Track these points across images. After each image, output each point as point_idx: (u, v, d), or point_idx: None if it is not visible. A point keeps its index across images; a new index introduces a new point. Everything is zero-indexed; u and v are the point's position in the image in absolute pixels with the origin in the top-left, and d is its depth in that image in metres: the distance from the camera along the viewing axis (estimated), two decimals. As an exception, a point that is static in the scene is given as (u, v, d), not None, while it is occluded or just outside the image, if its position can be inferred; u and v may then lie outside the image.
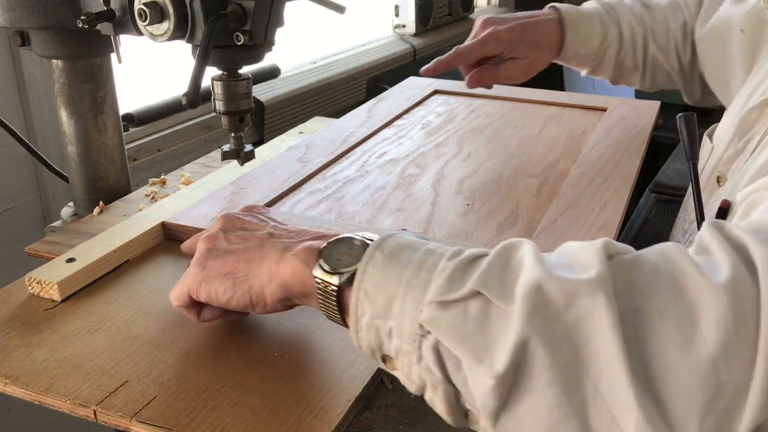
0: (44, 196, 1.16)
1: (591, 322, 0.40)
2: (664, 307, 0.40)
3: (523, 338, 0.40)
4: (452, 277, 0.44)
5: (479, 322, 0.42)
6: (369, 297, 0.46)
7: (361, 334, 0.47)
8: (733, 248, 0.41)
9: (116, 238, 0.73)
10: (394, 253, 0.47)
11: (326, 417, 0.51)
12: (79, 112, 0.83)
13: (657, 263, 0.42)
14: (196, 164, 1.00)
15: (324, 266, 0.49)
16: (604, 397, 0.39)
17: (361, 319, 0.47)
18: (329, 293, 0.49)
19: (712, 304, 0.39)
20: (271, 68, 1.52)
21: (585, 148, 1.01)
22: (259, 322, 0.62)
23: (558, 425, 0.41)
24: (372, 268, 0.47)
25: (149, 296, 0.66)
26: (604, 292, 0.40)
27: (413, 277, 0.45)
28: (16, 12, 0.76)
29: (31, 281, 0.65)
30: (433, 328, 0.43)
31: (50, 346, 0.59)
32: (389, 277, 0.46)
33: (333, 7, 0.83)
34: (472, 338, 0.42)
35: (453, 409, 0.45)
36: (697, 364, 0.38)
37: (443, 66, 0.97)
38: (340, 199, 0.86)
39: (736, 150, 0.66)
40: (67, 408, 0.53)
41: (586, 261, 0.42)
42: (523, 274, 0.42)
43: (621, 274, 0.42)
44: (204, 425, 0.50)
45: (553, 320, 0.40)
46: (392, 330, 0.45)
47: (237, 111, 0.78)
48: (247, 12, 0.70)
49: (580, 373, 0.40)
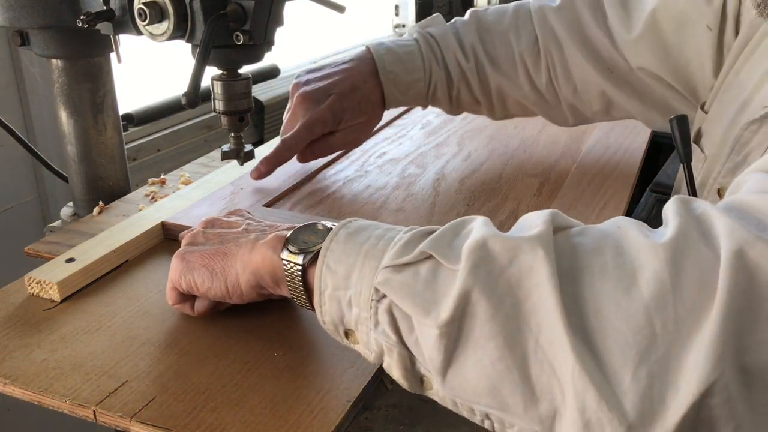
0: (44, 196, 1.16)
1: (531, 276, 0.42)
2: (604, 264, 0.42)
3: (466, 290, 0.43)
4: (406, 245, 0.47)
5: (428, 280, 0.45)
6: (331, 270, 0.49)
7: (324, 307, 0.50)
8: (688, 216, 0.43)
9: (116, 238, 0.72)
10: (356, 231, 0.51)
11: (326, 417, 0.51)
12: (79, 112, 0.83)
13: (605, 230, 0.45)
14: (195, 164, 1.00)
15: (290, 248, 0.53)
16: (543, 349, 0.41)
17: (324, 293, 0.50)
18: (295, 274, 0.52)
19: (650, 261, 0.41)
20: (271, 68, 1.52)
21: (585, 148, 1.01)
22: (259, 322, 0.62)
23: (501, 377, 0.42)
24: (335, 244, 0.50)
25: (149, 296, 0.66)
26: (543, 248, 0.42)
27: (371, 249, 0.48)
28: (16, 12, 0.76)
29: (30, 281, 0.65)
30: (387, 289, 0.46)
31: (50, 346, 0.59)
32: (350, 250, 0.49)
33: (333, 6, 0.83)
34: (422, 294, 0.45)
35: (408, 374, 0.48)
36: (632, 314, 0.40)
37: (276, 163, 0.88)
38: (340, 199, 0.86)
39: (736, 163, 0.67)
40: (67, 408, 0.53)
41: (531, 223, 0.45)
42: (471, 236, 0.45)
43: (568, 239, 0.44)
44: (204, 425, 0.50)
45: (496, 275, 0.43)
46: (351, 299, 0.48)
47: (237, 111, 0.78)
48: (246, 12, 0.69)
49: (521, 325, 0.42)
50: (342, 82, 0.90)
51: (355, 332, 0.50)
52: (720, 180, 0.69)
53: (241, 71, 0.77)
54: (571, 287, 0.41)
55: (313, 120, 0.88)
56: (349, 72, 0.91)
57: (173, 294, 0.61)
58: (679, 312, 0.39)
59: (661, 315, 0.39)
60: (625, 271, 0.41)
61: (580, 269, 0.42)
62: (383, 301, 0.46)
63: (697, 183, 0.75)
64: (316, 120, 0.88)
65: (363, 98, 0.91)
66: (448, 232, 0.47)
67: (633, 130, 1.07)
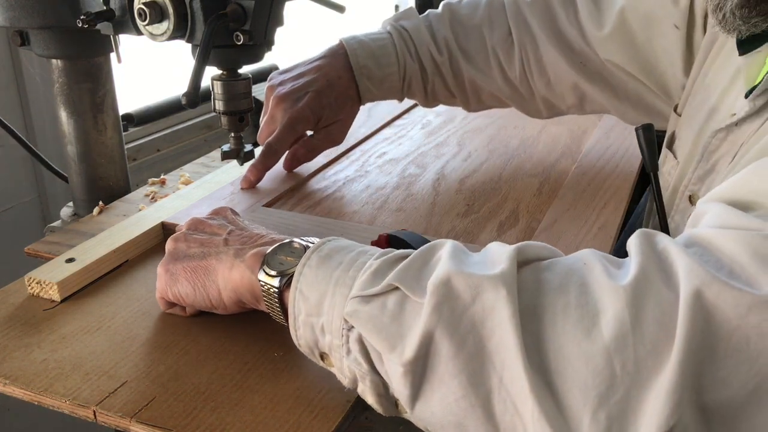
0: (44, 196, 1.16)
1: (494, 315, 0.42)
2: (567, 303, 0.42)
3: (429, 329, 0.43)
4: (375, 274, 0.47)
5: (395, 314, 0.45)
6: (303, 296, 0.49)
7: (299, 332, 0.50)
8: (650, 254, 0.43)
9: (116, 238, 0.72)
10: (329, 255, 0.50)
11: (326, 417, 0.51)
12: (79, 112, 0.83)
13: (570, 266, 0.44)
14: (195, 164, 1.00)
15: (267, 270, 0.53)
16: (507, 387, 0.41)
17: (298, 318, 0.50)
18: (272, 295, 0.52)
19: (612, 302, 0.40)
20: (271, 68, 1.51)
21: (585, 148, 1.01)
22: (259, 322, 0.62)
23: (465, 415, 0.42)
24: (307, 269, 0.50)
25: (149, 296, 0.66)
26: (506, 287, 0.42)
27: (342, 276, 0.48)
28: (16, 12, 0.76)
29: (30, 281, 0.65)
30: (354, 321, 0.46)
31: (50, 346, 0.59)
32: (321, 277, 0.49)
33: (333, 6, 0.83)
34: (388, 329, 0.44)
35: (382, 399, 0.48)
36: (592, 355, 0.39)
37: (263, 170, 0.88)
38: (340, 199, 0.86)
39: (705, 170, 0.67)
40: (67, 408, 0.53)
41: (496, 259, 0.45)
42: (436, 270, 0.44)
43: (532, 274, 0.44)
44: (204, 426, 0.50)
45: (459, 313, 0.43)
46: (324, 326, 0.48)
47: (237, 111, 0.78)
48: (246, 12, 0.69)
49: (485, 364, 0.42)
50: (317, 80, 0.90)
51: (330, 356, 0.50)
52: (690, 187, 0.69)
53: (241, 71, 0.77)
54: (532, 325, 0.41)
55: (293, 119, 0.87)
56: (323, 69, 0.91)
57: (162, 302, 0.62)
58: (639, 353, 0.39)
59: (621, 356, 0.39)
60: (587, 312, 0.41)
61: (543, 307, 0.42)
62: (353, 330, 0.47)
63: (669, 188, 0.75)
64: (296, 119, 0.87)
65: (339, 94, 0.90)
66: (417, 260, 0.47)
67: (633, 130, 1.07)
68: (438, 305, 0.43)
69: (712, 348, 0.38)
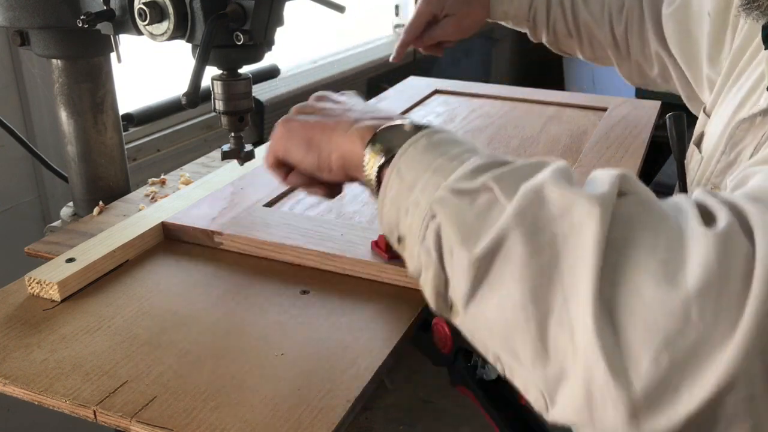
0: (44, 196, 1.16)
1: (580, 234, 0.40)
2: (656, 243, 0.40)
3: (506, 230, 0.41)
4: (475, 171, 0.46)
5: (480, 212, 0.44)
6: (400, 175, 0.49)
7: (384, 209, 0.50)
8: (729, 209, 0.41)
9: (116, 238, 0.72)
10: (437, 144, 0.50)
11: (326, 417, 0.51)
12: (79, 112, 0.83)
13: (665, 208, 0.43)
14: (195, 164, 1.00)
15: (375, 144, 0.53)
16: (569, 310, 0.39)
17: (387, 195, 0.50)
18: (373, 170, 0.53)
19: (703, 250, 0.39)
20: (271, 68, 1.52)
21: (585, 147, 1.01)
22: (259, 322, 0.62)
23: (517, 326, 0.41)
24: (413, 149, 0.50)
25: (149, 296, 0.66)
26: (602, 209, 0.40)
27: (443, 165, 0.48)
28: (16, 12, 0.76)
29: (30, 281, 0.65)
30: (439, 209, 0.45)
31: (50, 346, 0.59)
32: (423, 161, 0.49)
33: (333, 6, 0.83)
34: (469, 224, 0.44)
35: (439, 296, 0.47)
36: (670, 297, 0.38)
37: (405, 45, 1.04)
38: (340, 199, 0.86)
39: (728, 162, 0.67)
40: (67, 408, 0.53)
41: (598, 183, 0.43)
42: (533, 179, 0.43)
43: (628, 207, 0.42)
44: (204, 425, 0.50)
45: (543, 224, 0.41)
46: (409, 208, 0.48)
47: (237, 111, 0.78)
48: (246, 12, 0.69)
49: (554, 280, 0.40)
50: None
51: (405, 239, 0.49)
52: (713, 179, 0.69)
53: (241, 71, 0.77)
54: (614, 257, 0.39)
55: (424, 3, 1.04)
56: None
57: (270, 159, 0.62)
58: (721, 304, 0.37)
59: (701, 304, 0.37)
60: (675, 255, 0.39)
61: (630, 241, 0.40)
62: (434, 220, 0.46)
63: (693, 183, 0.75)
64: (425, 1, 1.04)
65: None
66: (522, 169, 0.45)
67: (633, 130, 1.07)
68: (522, 209, 0.42)
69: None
